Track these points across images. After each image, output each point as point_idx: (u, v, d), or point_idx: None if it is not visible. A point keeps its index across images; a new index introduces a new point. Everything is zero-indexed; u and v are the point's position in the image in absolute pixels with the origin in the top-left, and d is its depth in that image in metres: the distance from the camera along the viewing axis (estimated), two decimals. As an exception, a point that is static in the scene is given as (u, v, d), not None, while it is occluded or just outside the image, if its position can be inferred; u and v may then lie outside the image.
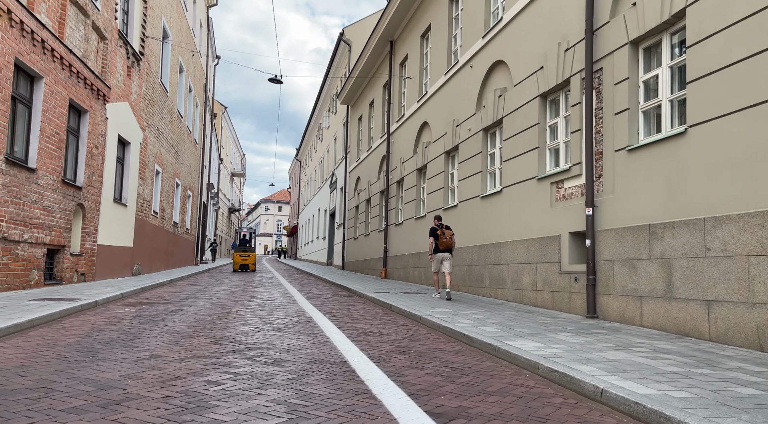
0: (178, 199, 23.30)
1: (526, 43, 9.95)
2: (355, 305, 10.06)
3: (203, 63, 28.60)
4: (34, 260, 10.06)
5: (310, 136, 48.16)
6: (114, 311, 8.06)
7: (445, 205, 13.90)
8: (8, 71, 8.74)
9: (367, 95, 23.64)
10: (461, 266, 12.55)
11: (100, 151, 12.96)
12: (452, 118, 13.48)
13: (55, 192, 10.70)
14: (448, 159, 14.03)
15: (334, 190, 32.63)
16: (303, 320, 7.50)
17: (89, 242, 12.61)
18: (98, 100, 12.66)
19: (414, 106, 16.73)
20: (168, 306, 8.86)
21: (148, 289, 12.30)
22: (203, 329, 6.37)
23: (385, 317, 8.23)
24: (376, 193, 21.24)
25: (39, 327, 6.31)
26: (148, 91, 16.79)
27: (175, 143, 21.63)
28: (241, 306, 9.13)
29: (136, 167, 15.92)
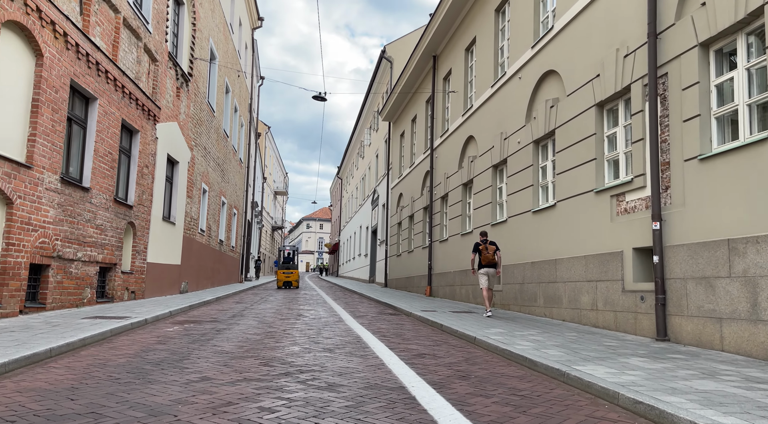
0: (224, 217, 23.62)
1: (579, 51, 9.55)
2: (404, 324, 9.74)
3: (248, 83, 29.20)
4: (87, 278, 10.20)
5: (351, 154, 48.44)
6: (163, 329, 8.01)
7: (493, 220, 13.48)
8: (64, 93, 8.96)
9: (410, 111, 23.51)
10: (512, 284, 12.06)
11: (150, 171, 13.19)
12: (500, 131, 13.11)
13: (107, 211, 10.89)
14: (495, 173, 13.64)
15: (375, 207, 32.53)
16: (352, 339, 7.24)
17: (139, 260, 12.78)
18: (149, 121, 12.92)
19: (458, 121, 16.44)
20: (216, 325, 8.77)
21: (196, 307, 12.33)
22: (252, 349, 6.18)
23: (437, 337, 7.87)
24: (420, 210, 20.95)
25: (90, 346, 6.27)
26: (195, 111, 17.12)
27: (221, 162, 21.99)
28: (288, 325, 8.95)
29: (184, 186, 16.17)
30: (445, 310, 11.99)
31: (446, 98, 18.60)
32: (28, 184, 8.09)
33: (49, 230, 8.74)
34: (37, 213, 8.35)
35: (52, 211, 8.78)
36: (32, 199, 8.21)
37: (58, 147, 8.86)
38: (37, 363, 5.15)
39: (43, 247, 8.61)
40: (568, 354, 5.83)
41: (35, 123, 8.20)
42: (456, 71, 17.09)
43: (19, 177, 7.85)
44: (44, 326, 7.04)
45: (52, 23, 8.37)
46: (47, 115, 8.48)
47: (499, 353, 6.34)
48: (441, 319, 9.69)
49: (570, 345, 6.56)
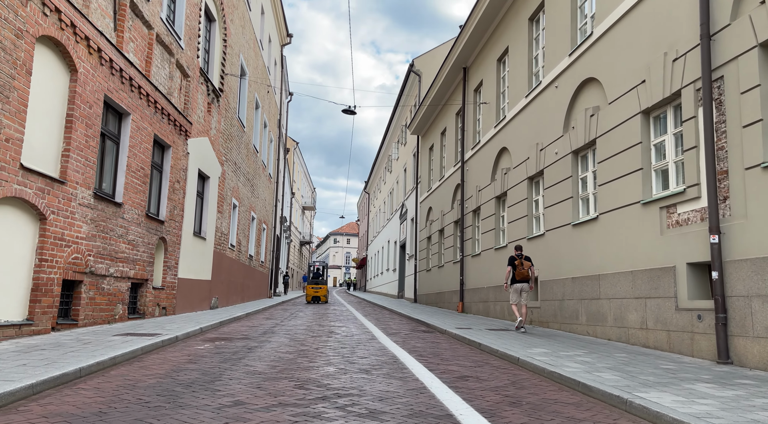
0: (254, 232, 23.63)
1: (622, 56, 9.15)
2: (439, 342, 9.35)
3: (277, 99, 29.41)
4: (118, 294, 10.13)
5: (378, 168, 48.37)
6: (194, 347, 7.81)
7: (529, 234, 13.02)
8: (98, 108, 8.96)
9: (439, 124, 23.25)
10: (551, 301, 11.56)
11: (181, 186, 13.18)
12: (535, 142, 12.71)
13: (139, 226, 10.85)
14: (531, 185, 13.21)
15: (404, 222, 32.21)
16: (388, 359, 6.90)
17: (170, 276, 12.72)
18: (180, 136, 12.94)
19: (491, 132, 16.09)
20: (247, 342, 8.54)
21: (226, 323, 12.16)
22: (286, 370, 5.90)
23: (477, 357, 7.47)
24: (450, 223, 20.55)
25: (121, 365, 6.08)
26: (226, 127, 17.18)
27: (251, 177, 22.04)
28: (321, 343, 8.66)
29: (214, 201, 16.17)
30: (481, 327, 11.55)
31: (477, 110, 18.28)
32: (62, 199, 8.05)
33: (82, 245, 8.69)
34: (70, 228, 8.30)
35: (85, 226, 8.74)
36: (65, 215, 8.17)
37: (91, 162, 8.84)
38: (66, 384, 4.96)
39: (76, 262, 8.55)
40: (624, 378, 5.38)
41: (69, 138, 8.19)
42: (487, 82, 16.79)
43: (52, 192, 7.82)
44: (75, 344, 6.91)
45: (86, 39, 8.39)
46: (81, 131, 8.47)
47: (547, 376, 5.92)
48: (478, 337, 9.28)
49: (624, 368, 6.10)
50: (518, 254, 10.74)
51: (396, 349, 8.06)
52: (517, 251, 10.83)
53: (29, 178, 7.29)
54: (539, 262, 12.29)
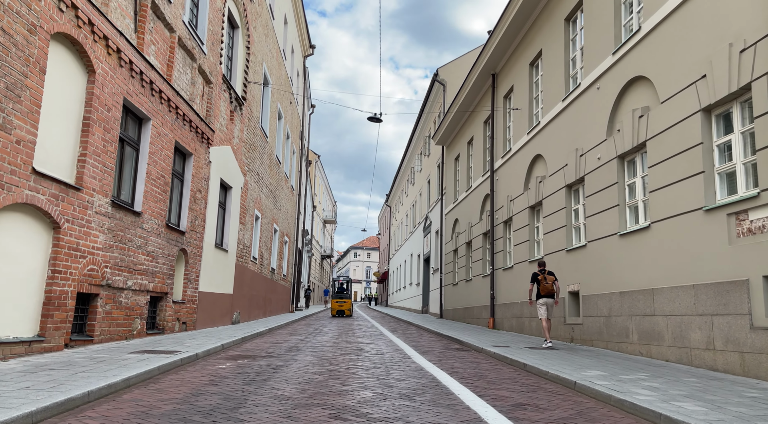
0: (276, 245, 23.15)
1: (677, 51, 8.42)
2: (479, 362, 8.60)
3: (299, 111, 29.13)
4: (137, 309, 9.62)
5: (400, 181, 47.81)
6: (215, 366, 7.20)
7: (568, 245, 12.22)
8: (117, 112, 8.53)
9: (465, 133, 22.60)
10: (595, 317, 10.73)
11: (203, 195, 12.73)
12: (574, 148, 11.97)
13: (159, 237, 10.37)
14: (569, 194, 12.44)
15: (428, 234, 31.48)
16: (429, 382, 6.20)
17: (191, 289, 12.21)
18: (202, 144, 12.52)
19: (523, 139, 15.38)
20: (271, 361, 7.91)
21: (248, 339, 11.56)
22: (317, 394, 5.25)
23: (526, 380, 6.72)
24: (479, 235, 19.78)
25: (135, 387, 5.49)
26: (249, 136, 16.78)
27: (273, 189, 21.62)
28: (351, 362, 7.99)
29: (237, 212, 15.71)
30: (519, 345, 10.75)
31: (507, 117, 17.60)
32: (77, 207, 7.58)
33: (98, 256, 8.20)
34: (86, 238, 7.82)
35: (101, 236, 8.26)
36: (81, 224, 7.69)
37: (109, 168, 8.39)
38: (72, 411, 4.38)
39: (92, 274, 8.05)
40: (713, 410, 4.60)
41: (86, 143, 7.74)
42: (519, 88, 16.12)
43: (67, 200, 7.35)
44: (88, 363, 6.36)
45: (105, 38, 7.98)
46: (98, 135, 8.02)
47: (616, 405, 5.15)
48: (520, 356, 8.51)
49: (703, 396, 5.31)
50: (541, 269, 10.81)
51: (434, 370, 7.35)
52: (540, 267, 10.90)
53: (42, 183, 6.83)
54: (580, 275, 11.49)
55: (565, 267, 12.25)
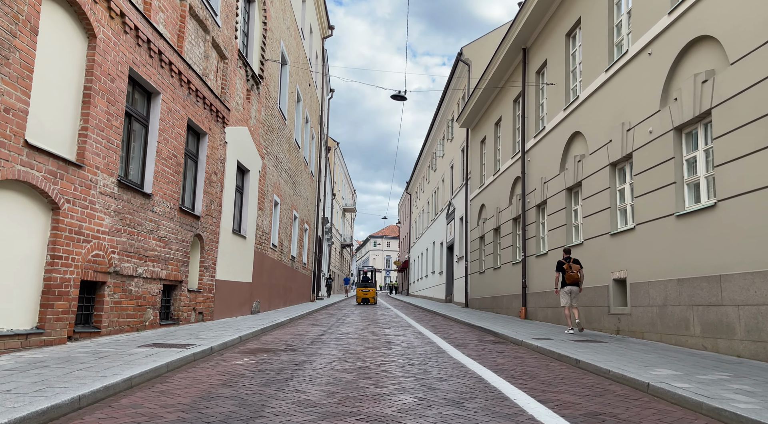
0: (296, 232, 22.46)
1: (751, 4, 7.34)
2: (522, 357, 7.73)
3: (318, 95, 28.29)
4: (149, 298, 8.94)
5: (421, 167, 46.81)
6: (231, 362, 6.46)
7: (612, 229, 11.22)
8: (122, 82, 7.77)
9: (492, 114, 21.53)
10: (647, 307, 9.76)
11: (218, 178, 11.99)
12: (620, 122, 10.93)
13: (171, 221, 9.66)
14: (614, 172, 11.40)
15: (451, 221, 30.53)
16: (475, 383, 5.35)
17: (207, 277, 11.52)
18: (217, 123, 11.75)
19: (558, 116, 14.33)
20: (293, 355, 7.14)
21: (268, 330, 10.85)
22: (348, 400, 4.44)
23: (585, 380, 5.83)
24: (508, 221, 18.80)
25: (137, 389, 4.75)
26: (267, 117, 16.00)
27: (293, 174, 20.87)
28: (380, 356, 7.19)
29: (255, 197, 14.98)
30: (562, 338, 9.84)
31: (540, 94, 16.52)
32: (78, 186, 6.86)
33: (104, 241, 7.49)
34: (89, 221, 7.11)
35: (107, 219, 7.55)
36: (83, 205, 6.97)
37: (114, 145, 7.65)
38: (55, 421, 3.63)
39: (97, 261, 7.36)
40: None
41: (87, 115, 7.00)
42: (554, 61, 15.03)
43: (67, 177, 6.62)
44: (89, 358, 5.65)
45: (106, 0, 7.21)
46: (101, 107, 7.28)
47: (712, 415, 4.24)
48: (569, 350, 7.62)
49: (815, 403, 4.37)
50: (566, 257, 10.81)
51: (476, 367, 6.50)
52: (566, 255, 10.91)
53: (37, 158, 6.10)
54: (627, 260, 10.51)
55: (609, 252, 11.26)
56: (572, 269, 10.64)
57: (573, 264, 10.69)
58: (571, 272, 10.62)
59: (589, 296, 12.09)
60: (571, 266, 10.66)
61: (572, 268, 10.65)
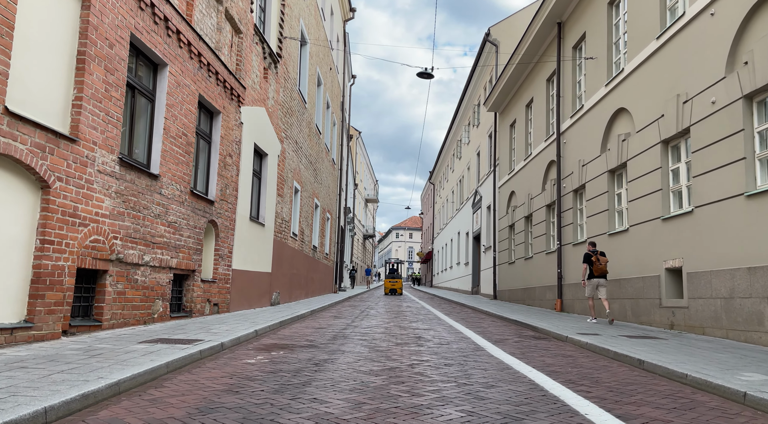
0: (317, 221, 21.71)
1: None
2: (572, 355, 6.80)
3: (340, 80, 27.42)
4: (157, 288, 8.22)
5: (445, 156, 45.69)
6: (242, 360, 5.66)
7: (665, 213, 10.13)
8: (122, 49, 6.99)
9: (523, 95, 20.38)
10: (708, 299, 8.69)
11: (234, 161, 11.23)
12: (674, 94, 9.81)
13: (182, 205, 8.91)
14: (666, 150, 10.30)
15: (478, 210, 29.47)
16: (529, 390, 4.45)
17: (223, 267, 10.79)
18: (232, 101, 10.97)
19: (600, 93, 13.20)
20: (313, 353, 6.33)
21: (287, 324, 10.08)
22: (378, 412, 3.58)
23: (660, 387, 4.88)
24: (541, 208, 17.72)
25: (125, 396, 3.97)
26: (285, 99, 15.19)
27: (314, 160, 20.08)
28: (412, 355, 6.33)
29: (274, 183, 14.21)
30: (612, 333, 8.85)
31: (577, 71, 15.36)
32: (73, 162, 6.12)
33: (105, 225, 6.76)
34: (86, 202, 6.38)
35: (108, 200, 6.81)
36: (79, 184, 6.24)
37: (114, 118, 6.89)
38: (6, 444, 2.85)
39: (97, 247, 6.63)
40: None
41: (81, 83, 6.24)
42: (593, 34, 13.87)
43: (58, 152, 5.88)
44: (78, 357, 4.91)
45: (101, -48, 6.42)
46: (98, 76, 6.51)
47: None
48: (627, 349, 6.66)
49: None
50: (593, 250, 11.00)
51: (524, 368, 5.59)
52: (592, 247, 11.09)
53: (21, 129, 5.36)
54: (684, 247, 9.44)
55: (660, 239, 10.19)
56: (600, 261, 10.79)
57: (601, 257, 10.84)
58: (599, 265, 10.77)
59: (636, 287, 11.04)
60: (600, 259, 10.81)
61: (600, 260, 10.79)
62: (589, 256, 10.90)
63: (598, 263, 10.78)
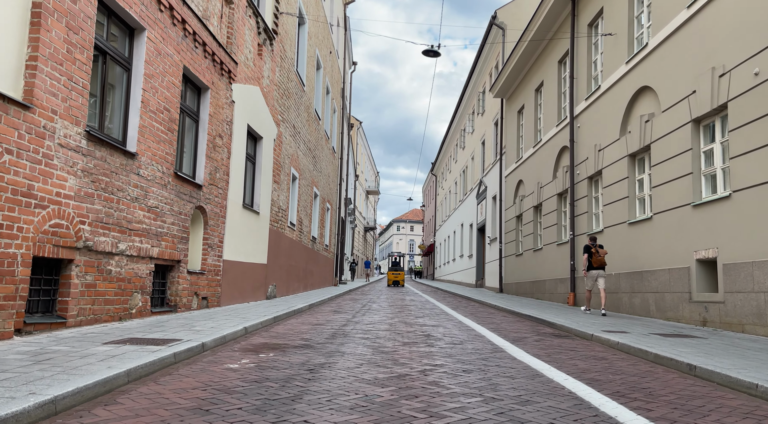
0: (317, 211, 20.82)
1: None
2: (606, 358, 5.93)
3: (340, 65, 26.43)
4: (135, 280, 7.35)
5: (448, 146, 44.72)
6: (224, 365, 4.79)
7: (695, 199, 9.24)
8: (88, 6, 6.08)
9: (532, 79, 19.42)
10: (748, 293, 7.82)
11: (225, 143, 10.33)
12: (709, 67, 8.89)
13: (165, 188, 8.03)
14: (698, 130, 9.39)
15: (482, 201, 28.57)
16: (577, 407, 3.58)
17: (213, 257, 9.92)
18: (222, 77, 10.05)
19: (619, 71, 12.27)
20: (308, 355, 5.46)
21: (282, 319, 9.23)
22: (387, 444, 2.71)
23: (730, 400, 4.01)
24: (551, 197, 16.83)
25: (60, 418, 3.09)
26: (282, 80, 14.26)
27: (312, 147, 19.16)
28: (422, 356, 5.46)
29: (269, 168, 13.31)
30: (643, 331, 7.99)
31: (593, 50, 14.42)
32: (26, 133, 5.23)
33: (69, 207, 5.88)
34: (44, 180, 5.49)
35: (72, 179, 5.93)
36: (35, 159, 5.35)
37: (80, 86, 5.99)
38: None
39: (59, 233, 5.75)
40: None
41: (37, 41, 5.34)
42: (612, 8, 12.91)
43: (7, 120, 4.99)
44: (21, 363, 4.04)
45: None
46: (58, 33, 5.61)
47: None
48: (668, 350, 5.79)
49: None
50: (593, 243, 11.34)
51: (558, 376, 4.72)
52: (592, 241, 11.39)
53: (-45, 89, 4.46)
54: (719, 236, 8.57)
55: (690, 227, 9.31)
56: (599, 253, 11.13)
57: (600, 249, 11.22)
58: (599, 256, 11.12)
59: (661, 280, 10.17)
60: (599, 251, 11.17)
61: (599, 252, 11.14)
62: (589, 248, 11.26)
63: (597, 255, 11.13)
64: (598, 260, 11.13)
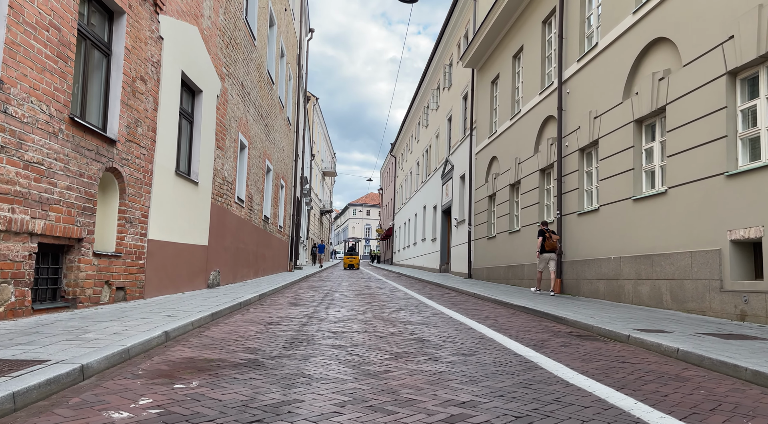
0: (270, 187, 18.55)
1: None
2: (679, 374, 4.23)
3: (296, 29, 23.98)
4: (4, 266, 5.11)
5: (408, 126, 42.90)
6: (103, 414, 2.73)
7: (729, 169, 7.69)
8: None
9: (509, 45, 17.70)
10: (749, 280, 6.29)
11: (150, 89, 8.03)
12: (755, 4, 7.27)
13: (54, 139, 5.75)
14: (733, 85, 7.80)
15: (448, 181, 26.92)
16: None
17: (133, 236, 7.68)
18: (144, 3, 7.72)
19: (623, 23, 10.62)
20: (254, 384, 3.46)
21: (223, 316, 7.14)
22: None
23: None
24: (533, 173, 15.22)
25: None
26: (228, 25, 11.92)
27: (265, 114, 16.83)
28: (433, 385, 3.57)
29: (212, 130, 11.03)
30: (686, 331, 6.37)
31: (586, 4, 12.75)
32: None
33: None
34: None
35: None
36: None
37: None
38: None
39: None
40: None
41: None
42: (615, -48, 11.21)
43: None
44: None
45: None
46: None
47: None
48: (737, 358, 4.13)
49: None
50: (546, 228, 12.08)
51: (649, 414, 2.91)
52: (544, 226, 12.13)
53: None
54: (760, 213, 7.02)
55: (722, 203, 7.76)
56: (552, 238, 11.94)
57: (552, 234, 12.04)
58: (551, 241, 11.95)
59: (679, 265, 8.66)
60: (552, 236, 11.98)
61: (552, 237, 11.95)
62: (543, 232, 12.02)
63: (550, 240, 11.96)
64: (550, 244, 11.96)
